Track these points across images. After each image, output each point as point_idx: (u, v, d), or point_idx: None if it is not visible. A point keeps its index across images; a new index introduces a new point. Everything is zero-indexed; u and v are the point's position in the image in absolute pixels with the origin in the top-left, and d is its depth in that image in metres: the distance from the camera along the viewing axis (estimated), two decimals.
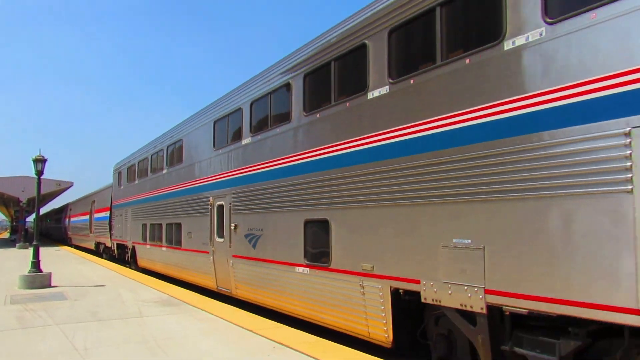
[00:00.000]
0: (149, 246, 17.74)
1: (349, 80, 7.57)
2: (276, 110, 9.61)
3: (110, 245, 25.00)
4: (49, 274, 14.05)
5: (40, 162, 15.37)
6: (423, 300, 5.98)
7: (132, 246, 20.23)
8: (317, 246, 8.11)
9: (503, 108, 5.03)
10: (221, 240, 11.67)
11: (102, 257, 26.83)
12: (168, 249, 15.65)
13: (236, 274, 10.92)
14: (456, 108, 5.57)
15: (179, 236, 14.60)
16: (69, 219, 44.15)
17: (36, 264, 14.05)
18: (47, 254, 27.73)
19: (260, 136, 10.06)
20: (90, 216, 31.37)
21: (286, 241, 8.94)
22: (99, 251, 29.05)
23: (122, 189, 22.48)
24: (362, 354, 6.57)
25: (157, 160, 17.49)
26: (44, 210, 72.86)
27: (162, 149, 16.84)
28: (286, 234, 8.94)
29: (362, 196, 7.00)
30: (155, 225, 17.10)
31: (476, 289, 5.27)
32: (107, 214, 25.49)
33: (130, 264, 20.92)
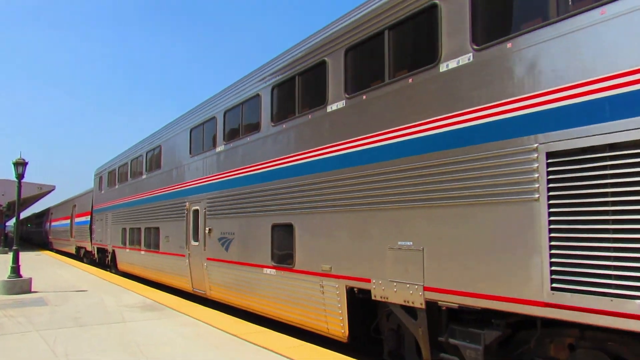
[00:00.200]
0: (129, 250, 18.07)
1: (311, 93, 8.12)
2: (247, 120, 10.12)
3: (90, 250, 25.20)
4: (29, 279, 13.98)
5: (20, 165, 15.22)
6: (373, 297, 6.53)
7: (112, 250, 20.52)
8: (283, 249, 8.63)
9: (438, 124, 5.62)
10: (196, 243, 12.13)
11: (83, 262, 27.00)
12: (147, 252, 16.02)
13: (210, 276, 11.39)
14: (400, 123, 6.15)
15: (157, 240, 14.99)
16: (49, 223, 43.99)
17: (16, 269, 14.09)
18: (28, 258, 27.78)
19: (232, 144, 10.57)
20: (71, 220, 31.46)
21: (255, 244, 9.44)
22: (79, 255, 29.18)
23: (102, 194, 22.74)
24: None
25: (136, 166, 17.85)
26: (24, 214, 72.10)
27: (141, 155, 17.22)
28: (255, 237, 9.44)
29: (322, 202, 7.55)
30: (134, 230, 17.45)
31: (416, 286, 5.84)
32: (88, 218, 25.69)
33: (110, 268, 21.19)
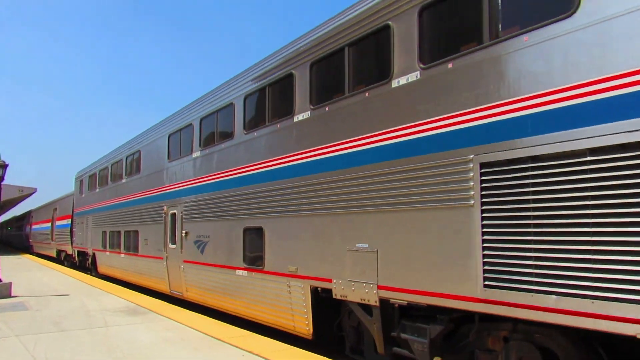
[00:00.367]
0: (109, 253, 18.29)
1: (280, 104, 8.56)
2: (222, 127, 10.52)
3: (71, 253, 25.27)
4: (9, 284, 13.71)
5: (0, 167, 15.33)
6: (334, 296, 6.98)
7: (93, 253, 20.69)
8: (254, 251, 9.04)
9: (390, 135, 6.10)
10: (174, 246, 12.46)
11: (64, 265, 27.02)
12: (126, 255, 16.28)
13: (186, 277, 11.74)
14: (358, 133, 6.63)
15: (136, 243, 15.28)
16: (30, 227, 43.69)
17: None
18: (8, 262, 27.69)
19: (208, 150, 10.95)
20: (52, 224, 31.41)
21: (228, 247, 9.84)
22: (60, 259, 29.16)
23: (83, 197, 22.88)
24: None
25: (117, 170, 18.10)
26: (5, 217, 71.27)
27: (121, 159, 17.48)
28: (228, 240, 9.84)
29: (289, 207, 7.99)
30: (114, 233, 17.69)
31: (371, 285, 6.30)
32: (69, 221, 25.76)
33: (90, 271, 21.34)
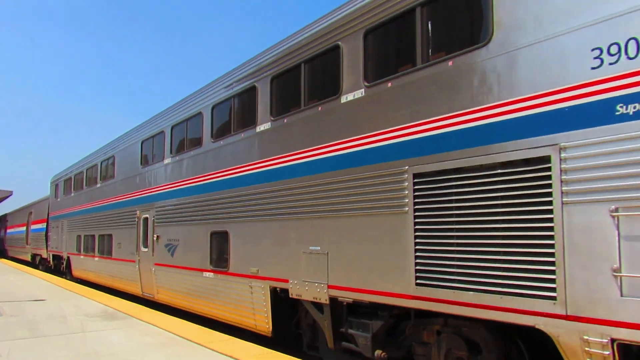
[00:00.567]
0: (83, 257, 18.49)
1: (244, 114, 9.05)
2: (191, 135, 10.95)
3: (46, 257, 25.28)
4: None
5: None
6: (291, 296, 7.48)
7: (67, 257, 20.83)
8: (220, 254, 9.49)
9: (339, 147, 6.64)
10: (146, 250, 12.82)
11: (39, 269, 26.97)
12: (100, 259, 16.53)
13: (158, 280, 12.10)
14: (312, 144, 7.15)
15: (110, 246, 15.56)
16: (5, 230, 43.22)
17: None
18: None
19: (178, 157, 11.37)
20: (27, 227, 31.27)
21: (197, 250, 10.26)
22: (35, 263, 29.07)
23: (59, 201, 22.98)
24: None
25: (92, 174, 18.33)
26: None
27: (96, 164, 17.73)
28: (197, 243, 10.26)
29: (251, 212, 8.47)
30: (89, 237, 17.91)
31: (322, 284, 6.82)
32: (44, 225, 25.76)
33: (65, 275, 21.45)
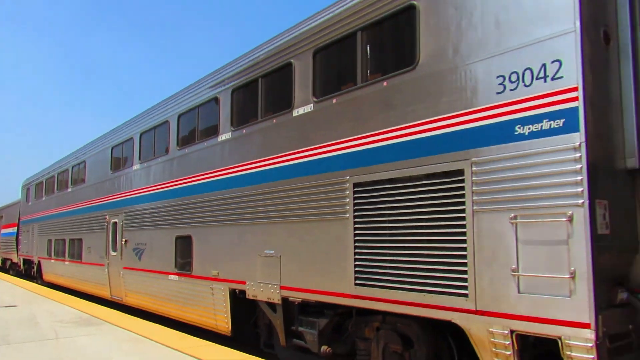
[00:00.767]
0: (54, 261, 18.58)
1: (208, 124, 9.48)
2: (159, 142, 11.32)
3: (17, 261, 25.15)
4: None
5: None
6: (248, 296, 7.92)
7: (38, 261, 20.85)
8: (184, 257, 9.88)
9: (290, 157, 7.14)
10: (115, 254, 13.10)
11: (9, 273, 26.78)
12: (71, 263, 16.69)
13: (126, 283, 12.40)
14: (268, 154, 7.63)
15: (80, 251, 15.76)
16: None
17: None
18: None
19: (146, 163, 11.72)
20: None
21: (162, 253, 10.63)
22: (5, 267, 28.81)
23: (30, 205, 22.95)
24: None
25: (63, 179, 18.47)
26: None
27: (67, 169, 17.89)
28: (162, 247, 10.63)
29: (213, 217, 8.90)
30: (59, 241, 18.04)
31: (275, 286, 7.29)
32: (15, 229, 25.63)
33: (36, 279, 21.44)
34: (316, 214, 6.66)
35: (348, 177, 6.20)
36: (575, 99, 4.11)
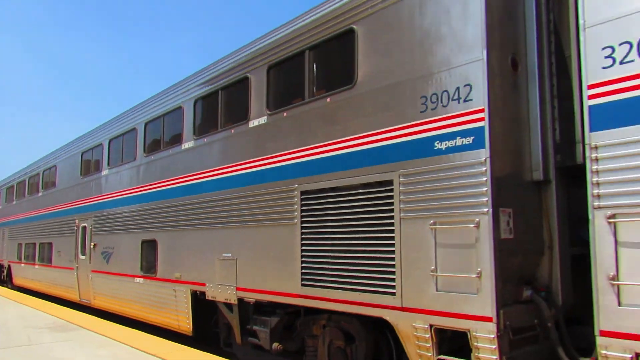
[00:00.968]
0: (24, 265, 18.63)
1: (172, 133, 9.86)
2: (127, 148, 11.64)
3: None
4: None
5: None
6: (207, 298, 8.33)
7: (9, 265, 20.82)
8: (149, 260, 10.22)
9: (246, 166, 7.59)
10: (84, 257, 13.33)
11: None
12: (40, 266, 16.80)
13: (94, 286, 12.65)
14: (226, 162, 8.07)
15: (50, 254, 15.91)
16: None
17: None
18: None
19: (115, 169, 12.02)
20: None
21: (129, 257, 10.94)
22: None
23: (0, 209, 22.87)
24: None
25: (34, 183, 18.55)
26: None
27: (38, 173, 17.99)
28: (129, 251, 10.95)
29: (176, 222, 9.28)
30: (30, 245, 18.11)
31: (232, 287, 7.71)
32: None
33: (6, 283, 21.39)
34: (268, 219, 7.11)
35: (296, 185, 6.68)
36: (482, 119, 4.67)
